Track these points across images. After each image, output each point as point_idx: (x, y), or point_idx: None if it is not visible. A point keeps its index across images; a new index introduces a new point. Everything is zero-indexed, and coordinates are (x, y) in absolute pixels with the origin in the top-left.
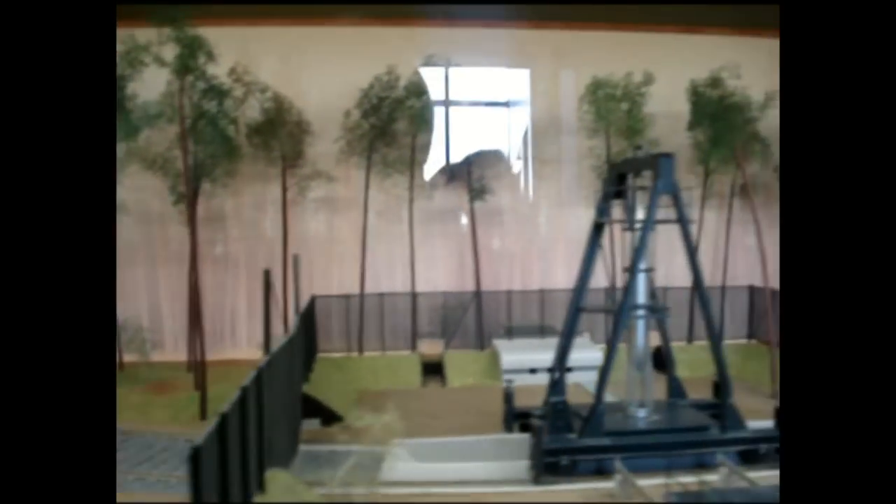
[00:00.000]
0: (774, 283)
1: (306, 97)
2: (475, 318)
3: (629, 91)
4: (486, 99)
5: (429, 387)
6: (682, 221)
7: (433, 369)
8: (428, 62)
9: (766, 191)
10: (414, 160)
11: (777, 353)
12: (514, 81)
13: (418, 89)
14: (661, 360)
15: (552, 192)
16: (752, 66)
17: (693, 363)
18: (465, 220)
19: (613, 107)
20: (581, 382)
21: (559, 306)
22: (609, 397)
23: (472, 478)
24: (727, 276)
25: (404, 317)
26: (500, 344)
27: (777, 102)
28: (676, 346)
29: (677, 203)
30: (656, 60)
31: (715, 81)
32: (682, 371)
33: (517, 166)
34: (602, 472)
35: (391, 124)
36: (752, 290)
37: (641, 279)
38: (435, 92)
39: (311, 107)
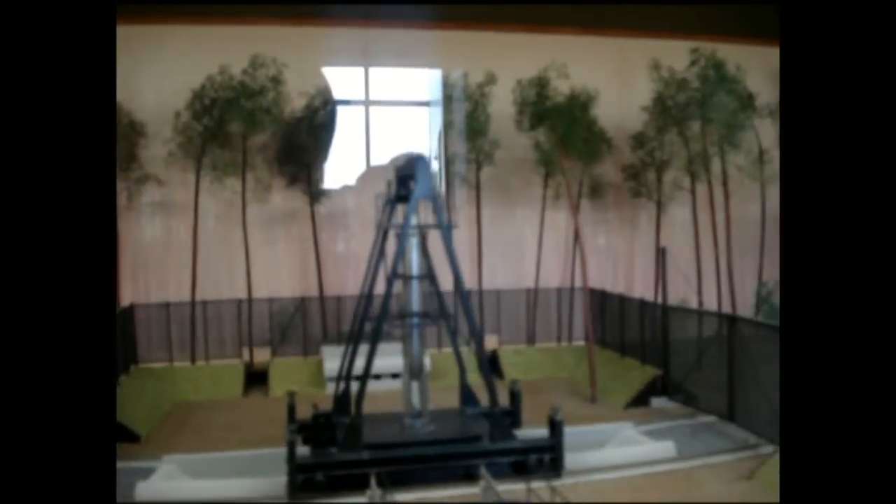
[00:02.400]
0: (602, 284)
1: (144, 98)
2: (319, 324)
3: (471, 92)
4: (407, 98)
5: (250, 396)
6: (442, 227)
7: (258, 378)
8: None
9: (615, 191)
10: (246, 162)
11: (593, 354)
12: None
13: (249, 90)
14: (497, 364)
15: None
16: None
17: (528, 366)
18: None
19: (458, 107)
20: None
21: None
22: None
23: (226, 496)
24: (574, 278)
25: (234, 324)
26: (327, 350)
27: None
28: (515, 348)
29: (435, 207)
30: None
31: (541, 81)
32: (514, 374)
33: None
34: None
35: (224, 125)
36: (593, 293)
37: (414, 286)
38: (353, 92)
39: (152, 108)
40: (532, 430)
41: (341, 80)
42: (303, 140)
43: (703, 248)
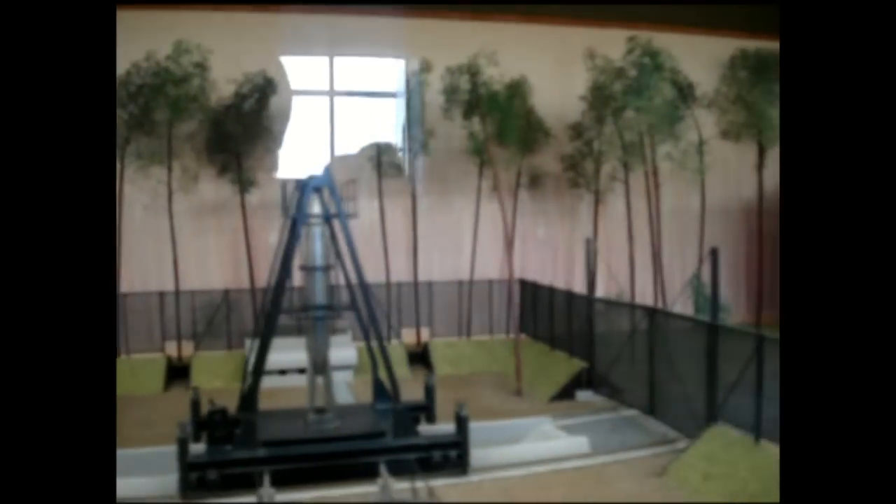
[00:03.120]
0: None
1: None
2: (249, 317)
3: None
4: (373, 89)
5: (172, 392)
6: (341, 217)
7: (182, 373)
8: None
9: (555, 181)
10: (172, 151)
11: (519, 347)
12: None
13: (172, 76)
14: (427, 357)
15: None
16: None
17: (460, 359)
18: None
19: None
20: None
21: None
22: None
23: (119, 496)
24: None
25: (158, 317)
26: (251, 344)
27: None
28: (447, 341)
29: (333, 197)
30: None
31: (471, 68)
32: (445, 368)
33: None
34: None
35: (149, 113)
36: (525, 285)
37: (318, 277)
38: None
39: None
40: (448, 426)
41: (301, 68)
42: (231, 128)
43: (642, 240)
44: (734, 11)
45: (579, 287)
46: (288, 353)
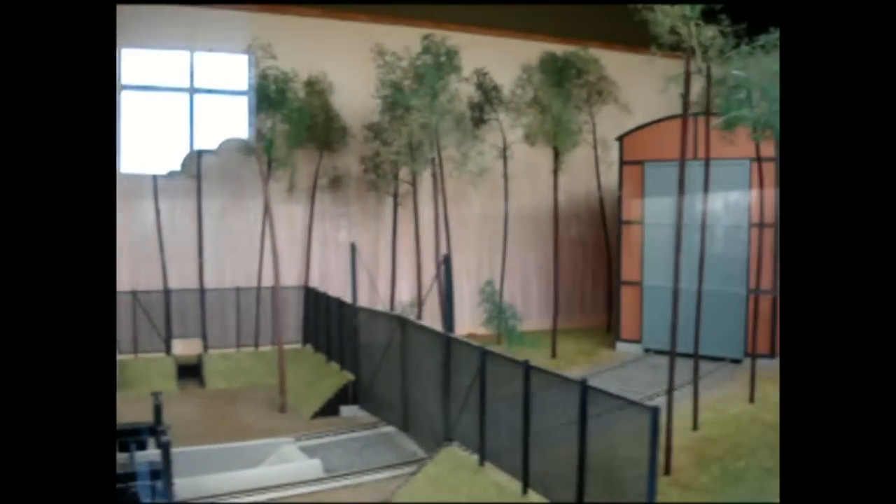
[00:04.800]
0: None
1: None
2: None
3: None
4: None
5: None
6: None
7: None
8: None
9: (358, 184)
10: None
11: (283, 359)
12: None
13: None
14: (199, 371)
15: None
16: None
17: (235, 372)
18: None
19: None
20: None
21: (119, 311)
22: None
23: None
24: (309, 275)
25: None
26: None
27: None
28: (223, 353)
29: None
30: None
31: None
32: (219, 382)
33: None
34: None
35: None
36: (308, 291)
37: None
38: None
39: None
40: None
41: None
42: None
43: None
44: (542, 15)
45: (383, 292)
46: None
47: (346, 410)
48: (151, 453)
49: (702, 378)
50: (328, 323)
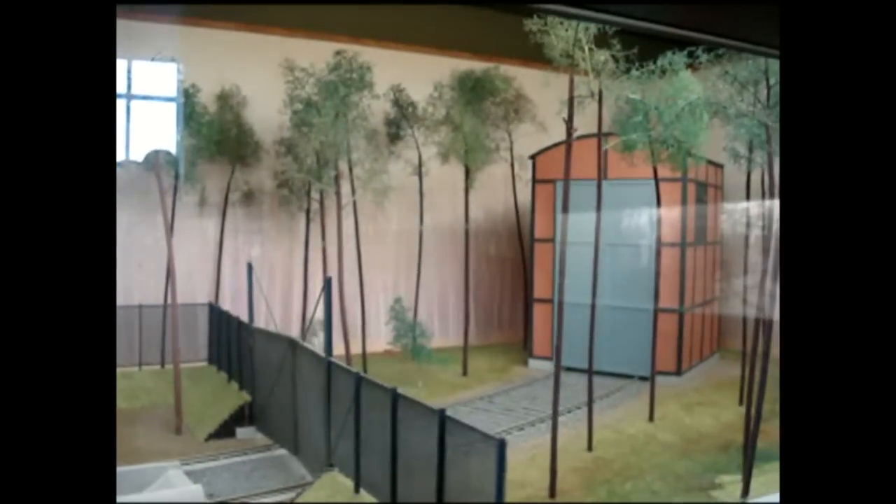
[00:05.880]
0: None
1: None
2: None
3: None
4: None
5: None
6: None
7: None
8: None
9: (272, 199)
10: None
11: (179, 378)
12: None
13: None
14: None
15: None
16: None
17: (135, 391)
18: None
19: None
20: None
21: None
22: None
23: None
24: (222, 291)
25: None
26: None
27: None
28: (124, 371)
29: None
30: None
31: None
32: (118, 401)
33: None
34: None
35: None
36: (213, 309)
37: None
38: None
39: None
40: None
41: None
42: None
43: (351, 263)
44: (462, 32)
45: (298, 308)
46: None
47: (242, 432)
48: None
49: (606, 396)
50: (229, 342)
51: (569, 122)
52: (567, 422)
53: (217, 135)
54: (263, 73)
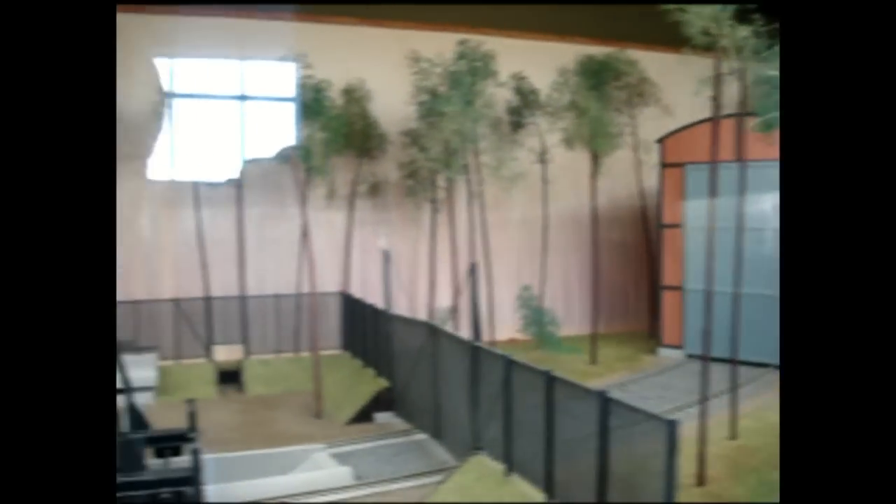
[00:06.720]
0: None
1: None
2: None
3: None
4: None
5: None
6: None
7: None
8: None
9: (397, 190)
10: None
11: (319, 365)
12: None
13: None
14: (238, 377)
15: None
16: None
17: (274, 378)
18: None
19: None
20: None
21: (162, 317)
22: None
23: None
24: (351, 280)
25: None
26: None
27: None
28: (263, 358)
29: None
30: None
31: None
32: (258, 387)
33: None
34: None
35: None
36: (345, 298)
37: None
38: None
39: None
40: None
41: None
42: None
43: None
44: (580, 18)
45: (425, 299)
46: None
47: (381, 417)
48: (185, 459)
49: (743, 385)
50: (364, 329)
51: (716, 101)
52: (706, 410)
53: (345, 128)
54: (385, 66)
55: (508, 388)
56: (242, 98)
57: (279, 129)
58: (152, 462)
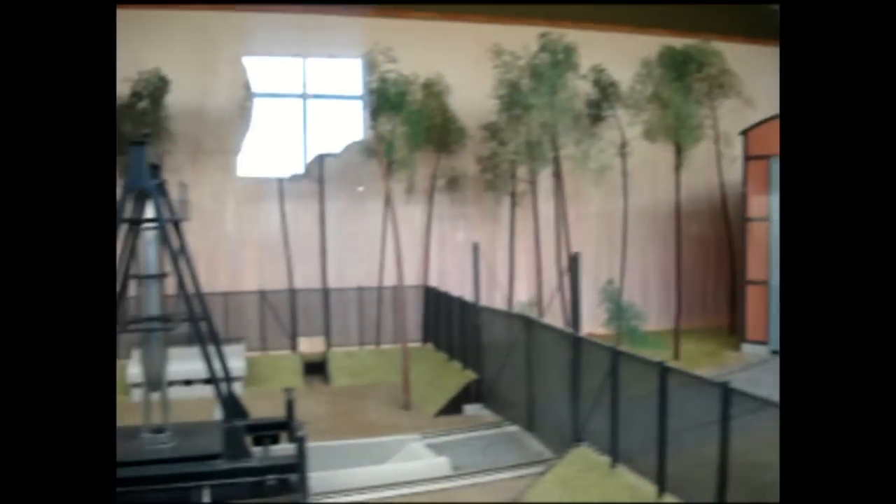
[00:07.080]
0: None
1: None
2: None
3: None
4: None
5: None
6: (160, 221)
7: None
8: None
9: (475, 184)
10: None
11: (408, 357)
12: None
13: None
14: (323, 369)
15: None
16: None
17: (358, 369)
18: None
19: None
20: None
21: (248, 309)
22: None
23: None
24: (428, 275)
25: None
26: (136, 354)
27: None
28: (347, 350)
29: (154, 201)
30: None
31: (371, 65)
32: (343, 379)
33: None
34: None
35: None
36: (429, 291)
37: (151, 286)
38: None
39: None
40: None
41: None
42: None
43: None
44: (657, 10)
45: (503, 292)
46: (192, 363)
47: (470, 409)
48: (285, 447)
49: None
50: (449, 322)
51: None
52: None
53: (425, 122)
54: (463, 60)
55: (616, 379)
56: (322, 96)
57: (358, 125)
58: (254, 450)
